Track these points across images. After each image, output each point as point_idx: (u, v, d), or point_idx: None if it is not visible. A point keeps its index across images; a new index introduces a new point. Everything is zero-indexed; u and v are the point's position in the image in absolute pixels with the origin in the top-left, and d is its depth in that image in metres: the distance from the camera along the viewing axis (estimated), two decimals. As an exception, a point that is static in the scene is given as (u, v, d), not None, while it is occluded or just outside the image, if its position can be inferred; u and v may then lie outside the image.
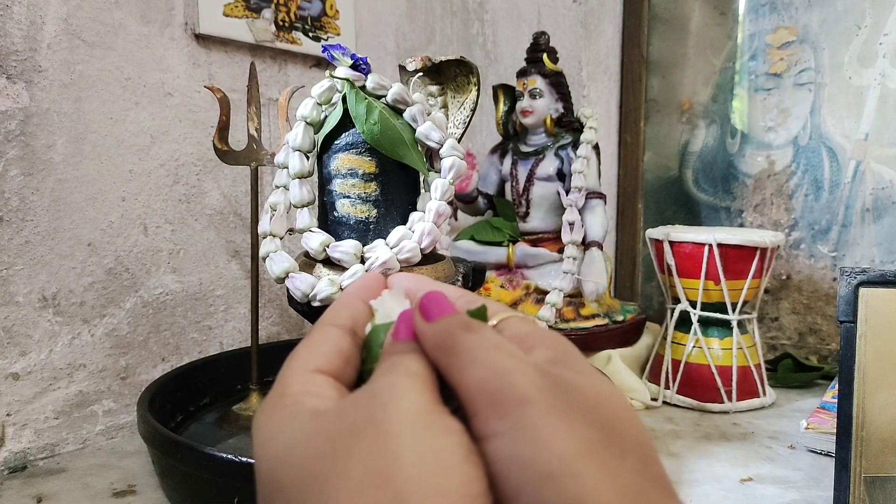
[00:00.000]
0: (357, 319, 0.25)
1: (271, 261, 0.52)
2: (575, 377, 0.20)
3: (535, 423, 0.18)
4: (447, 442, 0.19)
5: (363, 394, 0.21)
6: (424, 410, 0.19)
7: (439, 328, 0.22)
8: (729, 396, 0.80)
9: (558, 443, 0.18)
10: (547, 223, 0.92)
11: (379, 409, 0.19)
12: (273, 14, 0.79)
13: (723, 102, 1.09)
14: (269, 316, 0.84)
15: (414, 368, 0.21)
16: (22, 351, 0.63)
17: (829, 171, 0.98)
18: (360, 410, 0.20)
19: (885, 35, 0.93)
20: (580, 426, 0.19)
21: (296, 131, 0.54)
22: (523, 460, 0.18)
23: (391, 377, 0.21)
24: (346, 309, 0.26)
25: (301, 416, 0.21)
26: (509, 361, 0.20)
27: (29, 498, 0.57)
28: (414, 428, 0.19)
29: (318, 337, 0.24)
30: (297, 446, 0.20)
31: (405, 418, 0.19)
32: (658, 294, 1.17)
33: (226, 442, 0.63)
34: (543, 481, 0.17)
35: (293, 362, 0.24)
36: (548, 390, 0.19)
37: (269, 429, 0.21)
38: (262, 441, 0.21)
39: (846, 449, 0.50)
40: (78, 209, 0.66)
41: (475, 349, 0.21)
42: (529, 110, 0.90)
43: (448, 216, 0.54)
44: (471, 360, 0.21)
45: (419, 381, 0.21)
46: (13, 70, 0.61)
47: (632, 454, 0.19)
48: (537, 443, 0.18)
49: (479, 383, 0.20)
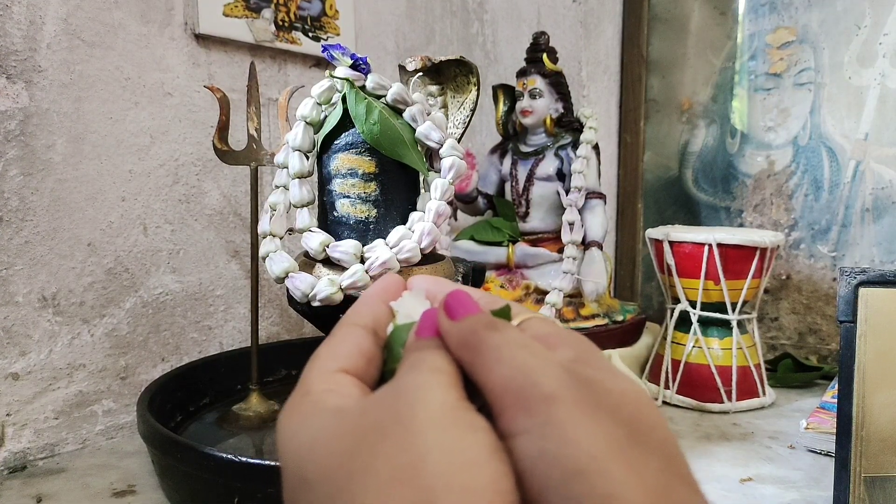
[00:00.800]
0: (378, 320, 0.26)
1: (271, 261, 0.52)
2: (599, 375, 0.21)
3: (562, 419, 0.19)
4: (474, 438, 0.19)
5: (388, 391, 0.21)
6: (451, 407, 0.19)
7: (464, 326, 0.22)
8: (729, 396, 0.80)
9: (586, 440, 0.18)
10: (547, 223, 0.92)
11: (405, 405, 0.19)
12: (273, 14, 0.79)
13: (723, 102, 1.09)
14: (268, 316, 0.84)
15: (438, 365, 0.21)
16: (22, 351, 0.63)
17: (829, 171, 0.98)
18: (386, 407, 0.20)
19: (884, 35, 0.93)
20: (607, 423, 0.19)
21: (295, 131, 0.54)
22: (551, 457, 0.18)
23: (416, 374, 0.21)
24: (368, 309, 0.26)
25: (324, 414, 0.21)
26: (534, 360, 0.20)
27: (29, 498, 0.57)
28: (441, 424, 0.19)
29: (341, 337, 0.24)
30: (323, 442, 0.20)
31: (432, 415, 0.19)
32: (658, 294, 1.17)
33: (225, 442, 0.63)
34: (571, 478, 0.18)
35: (316, 362, 0.24)
36: (574, 387, 0.19)
37: (292, 426, 0.22)
38: (286, 438, 0.21)
39: (846, 449, 0.50)
40: (78, 209, 0.66)
41: (500, 348, 0.21)
42: (529, 110, 0.90)
43: (448, 216, 0.54)
44: (496, 358, 0.21)
45: (444, 378, 0.21)
46: (13, 70, 0.61)
47: (657, 452, 0.19)
48: (565, 439, 0.18)
49: (504, 381, 0.20)
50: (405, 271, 0.52)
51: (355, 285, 0.50)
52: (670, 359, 0.84)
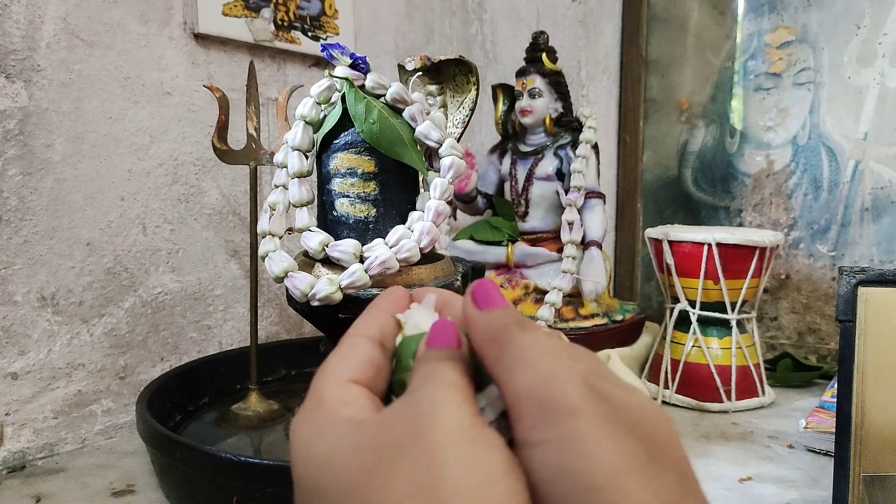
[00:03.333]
0: (384, 331, 0.26)
1: (270, 260, 0.52)
2: (617, 391, 0.21)
3: (582, 434, 0.19)
4: (491, 457, 0.19)
5: (404, 406, 0.21)
6: (467, 424, 0.20)
7: (493, 319, 0.22)
8: (728, 396, 0.80)
9: (606, 456, 0.18)
10: (546, 223, 0.92)
11: (422, 422, 0.20)
12: (272, 13, 0.79)
13: (722, 102, 1.09)
14: (268, 315, 0.84)
15: (451, 378, 0.21)
16: (21, 350, 0.63)
17: (829, 170, 0.98)
18: (403, 423, 0.20)
19: (884, 35, 0.93)
20: (625, 440, 0.19)
21: (295, 130, 0.54)
22: (570, 471, 0.18)
23: (430, 388, 0.21)
24: (375, 320, 0.26)
25: (340, 425, 0.21)
26: (560, 369, 0.20)
27: (28, 497, 0.57)
28: (458, 443, 0.19)
29: (349, 348, 0.24)
30: (340, 457, 0.20)
31: (449, 433, 0.19)
32: (657, 294, 1.17)
33: (225, 441, 0.63)
34: (589, 493, 0.18)
35: (326, 372, 0.24)
36: (595, 402, 0.20)
37: (307, 434, 0.22)
38: (301, 446, 0.22)
39: (845, 448, 0.50)
40: (77, 208, 0.66)
41: (528, 350, 0.21)
42: (528, 110, 0.90)
43: (447, 215, 0.54)
44: (522, 361, 0.21)
45: (458, 393, 0.21)
46: (12, 69, 0.61)
47: (671, 470, 0.19)
48: (585, 454, 0.18)
49: (529, 388, 0.20)
50: (405, 271, 0.52)
51: (354, 285, 0.50)
52: (669, 358, 0.84)
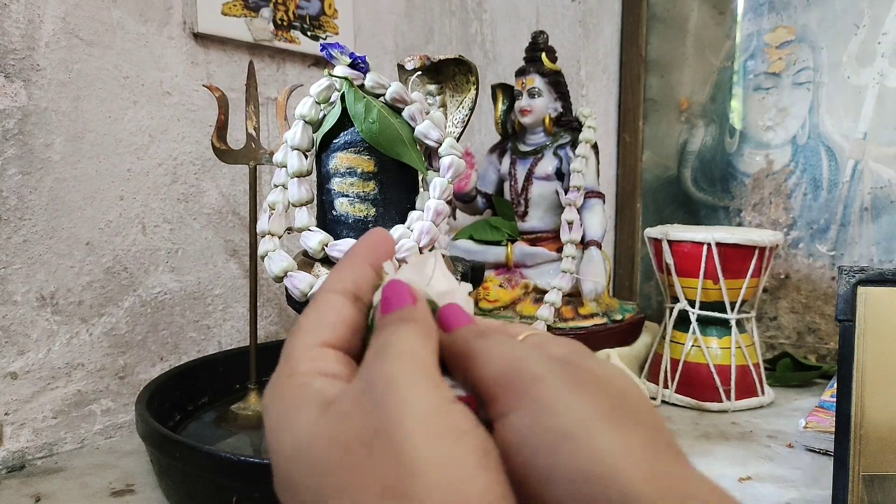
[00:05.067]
0: (359, 284, 0.24)
1: (270, 260, 0.52)
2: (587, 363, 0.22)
3: (550, 394, 0.19)
4: (462, 448, 0.18)
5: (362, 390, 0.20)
6: (431, 409, 0.19)
7: (457, 337, 0.23)
8: (727, 395, 0.80)
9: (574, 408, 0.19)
10: (546, 222, 0.92)
11: (383, 414, 0.19)
12: (272, 13, 0.79)
13: (721, 102, 1.09)
14: (267, 315, 0.84)
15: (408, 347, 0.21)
16: (20, 350, 0.63)
17: (828, 170, 0.99)
18: (366, 414, 0.19)
19: (883, 34, 0.93)
20: (592, 397, 0.20)
21: (294, 130, 0.54)
22: (539, 425, 0.19)
23: (386, 365, 0.20)
24: (350, 273, 0.25)
25: (310, 407, 0.21)
26: (521, 351, 0.21)
27: (27, 497, 0.57)
28: (426, 437, 0.18)
29: (323, 306, 0.23)
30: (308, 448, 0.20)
31: (414, 427, 0.18)
32: (657, 293, 1.17)
33: (224, 441, 0.63)
34: (559, 441, 0.18)
35: (298, 335, 0.23)
36: (560, 370, 0.20)
37: (278, 414, 0.21)
38: (271, 427, 0.21)
39: (845, 448, 0.50)
40: (76, 208, 0.66)
41: (490, 348, 0.22)
42: (528, 109, 0.90)
43: (447, 215, 0.54)
44: (487, 358, 0.21)
45: (416, 368, 0.20)
46: (11, 69, 0.61)
47: (643, 424, 0.20)
48: (553, 410, 0.19)
49: (495, 374, 0.21)
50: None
51: (354, 284, 0.50)
52: (669, 358, 0.84)
